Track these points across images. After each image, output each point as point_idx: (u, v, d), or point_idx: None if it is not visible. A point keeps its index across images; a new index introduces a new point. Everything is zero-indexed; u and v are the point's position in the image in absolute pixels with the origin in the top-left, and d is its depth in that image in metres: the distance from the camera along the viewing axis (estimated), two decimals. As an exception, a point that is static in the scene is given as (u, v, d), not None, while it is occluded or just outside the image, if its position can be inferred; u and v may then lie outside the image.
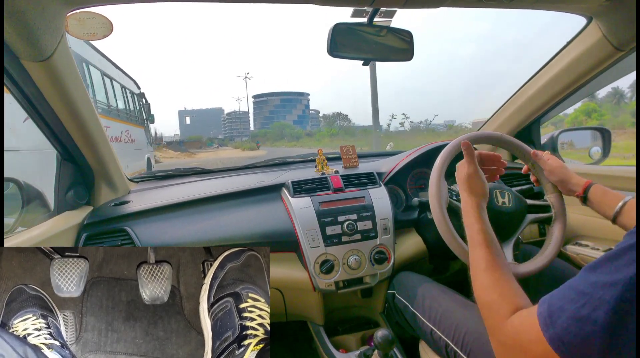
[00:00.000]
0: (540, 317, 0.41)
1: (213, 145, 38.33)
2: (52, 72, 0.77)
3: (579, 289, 0.39)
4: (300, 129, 58.52)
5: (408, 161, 1.20)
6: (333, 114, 54.26)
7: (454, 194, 0.89)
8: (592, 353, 0.36)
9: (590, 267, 0.40)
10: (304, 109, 76.16)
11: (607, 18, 0.89)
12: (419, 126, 23.20)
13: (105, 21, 0.73)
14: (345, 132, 45.32)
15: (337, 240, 1.01)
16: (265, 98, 76.03)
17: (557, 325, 0.38)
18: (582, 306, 0.37)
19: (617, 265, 0.36)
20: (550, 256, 0.79)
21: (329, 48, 0.81)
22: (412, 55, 0.89)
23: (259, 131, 65.11)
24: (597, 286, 0.37)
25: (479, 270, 0.57)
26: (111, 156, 1.08)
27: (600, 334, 0.35)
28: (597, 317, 0.35)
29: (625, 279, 0.35)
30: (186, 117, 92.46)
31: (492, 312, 0.50)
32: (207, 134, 73.07)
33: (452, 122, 47.05)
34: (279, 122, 64.89)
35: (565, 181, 0.81)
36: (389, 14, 0.81)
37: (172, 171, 1.43)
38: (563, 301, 0.40)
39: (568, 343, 0.37)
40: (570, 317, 0.38)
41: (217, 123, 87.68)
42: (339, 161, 1.30)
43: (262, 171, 1.41)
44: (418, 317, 0.85)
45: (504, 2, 0.81)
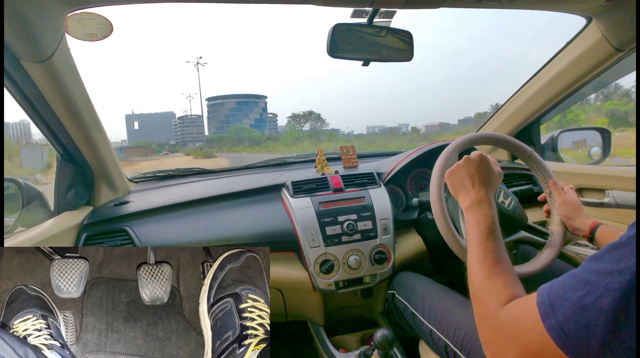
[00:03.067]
0: (540, 305, 0.40)
1: (162, 151, 34.50)
2: (52, 73, 0.77)
3: (581, 278, 0.38)
4: (260, 133, 54.46)
5: (408, 161, 1.20)
6: (304, 114, 47.13)
7: None
8: (593, 342, 0.35)
9: (593, 257, 0.39)
10: (262, 112, 71.26)
11: (607, 18, 0.90)
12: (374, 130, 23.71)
13: (106, 22, 0.73)
14: (310, 135, 42.58)
15: (337, 240, 1.01)
16: (220, 101, 70.80)
17: (559, 313, 0.37)
18: (585, 295, 0.36)
19: (623, 253, 0.35)
20: (552, 257, 0.80)
21: (328, 49, 0.81)
22: (411, 55, 0.89)
23: (214, 135, 60.47)
24: (602, 274, 0.36)
25: (476, 258, 0.56)
26: (111, 157, 1.08)
27: (604, 322, 0.34)
28: (602, 305, 0.34)
29: (632, 267, 0.34)
30: (134, 122, 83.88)
31: (487, 299, 0.49)
32: (158, 139, 68.65)
33: (407, 126, 47.01)
34: (237, 125, 60.13)
35: (573, 218, 0.81)
36: (389, 14, 0.81)
37: (172, 171, 1.44)
38: (564, 290, 0.38)
39: (569, 332, 0.36)
40: (573, 305, 0.36)
41: (168, 128, 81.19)
42: (339, 162, 1.30)
43: (262, 171, 1.41)
44: (418, 317, 0.85)
45: (503, 2, 0.81)
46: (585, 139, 1.37)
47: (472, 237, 0.59)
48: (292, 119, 46.74)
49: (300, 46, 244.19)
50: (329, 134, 39.80)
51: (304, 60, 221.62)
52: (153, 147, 39.85)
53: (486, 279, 0.52)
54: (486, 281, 0.52)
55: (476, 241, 0.58)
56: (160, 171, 1.42)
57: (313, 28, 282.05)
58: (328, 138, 34.80)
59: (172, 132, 78.42)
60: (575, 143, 1.36)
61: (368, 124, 74.66)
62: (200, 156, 25.66)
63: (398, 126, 47.05)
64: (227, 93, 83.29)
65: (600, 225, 0.77)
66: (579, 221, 0.80)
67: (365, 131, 24.18)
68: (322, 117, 45.28)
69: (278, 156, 1.60)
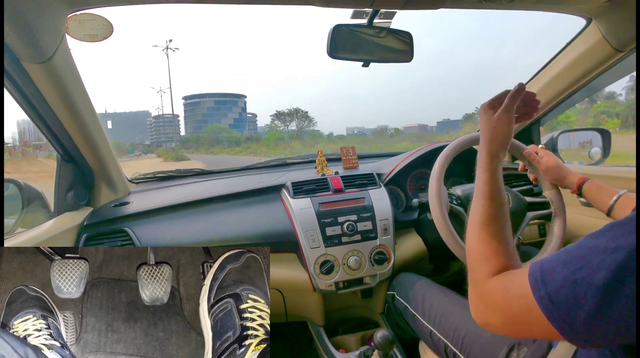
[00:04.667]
0: (531, 277, 0.40)
1: (134, 152, 31.83)
2: (53, 74, 0.77)
3: (576, 253, 0.38)
4: (239, 134, 50.68)
5: (408, 162, 1.20)
6: (290, 111, 41.24)
7: (454, 199, 0.89)
8: (580, 314, 0.35)
9: (592, 234, 0.38)
10: (241, 112, 67.90)
11: (607, 19, 0.90)
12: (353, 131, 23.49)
13: (106, 23, 0.73)
14: (292, 136, 38.76)
15: (337, 241, 1.01)
16: (198, 99, 67.15)
17: (549, 285, 0.37)
18: (578, 269, 0.36)
19: (621, 231, 0.35)
20: (561, 233, 0.80)
21: (328, 49, 0.81)
22: (412, 56, 0.89)
23: (190, 135, 56.18)
24: (597, 251, 0.36)
25: (476, 222, 0.54)
26: (111, 157, 1.08)
27: (593, 297, 0.34)
28: (593, 280, 0.34)
29: (628, 246, 0.34)
30: (107, 121, 77.16)
31: (482, 265, 0.49)
32: (133, 139, 64.46)
33: (385, 127, 46.20)
34: (215, 125, 56.04)
35: (560, 179, 0.82)
36: (389, 15, 0.81)
37: (172, 171, 1.44)
38: (557, 264, 0.39)
39: (558, 304, 0.36)
40: (564, 278, 0.37)
41: (143, 127, 77.00)
42: (339, 162, 1.30)
43: (262, 172, 1.41)
44: (418, 318, 0.85)
45: (503, 3, 0.81)
46: (591, 139, 1.37)
47: (475, 198, 0.58)
48: (276, 117, 42.31)
49: (281, 47, 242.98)
50: (312, 135, 38.09)
51: (284, 61, 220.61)
52: (126, 147, 36.24)
53: (481, 244, 0.52)
54: (481, 246, 0.52)
55: (477, 203, 0.57)
56: (160, 172, 1.42)
57: (298, 29, 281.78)
58: (312, 139, 33.36)
59: (147, 131, 75.23)
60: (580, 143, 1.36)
61: (348, 126, 73.03)
62: (170, 158, 22.91)
63: (378, 127, 46.20)
64: (205, 92, 78.36)
65: (587, 180, 0.78)
66: (567, 180, 0.81)
67: (345, 132, 23.96)
68: (310, 115, 41.78)
69: (259, 160, 1.55)
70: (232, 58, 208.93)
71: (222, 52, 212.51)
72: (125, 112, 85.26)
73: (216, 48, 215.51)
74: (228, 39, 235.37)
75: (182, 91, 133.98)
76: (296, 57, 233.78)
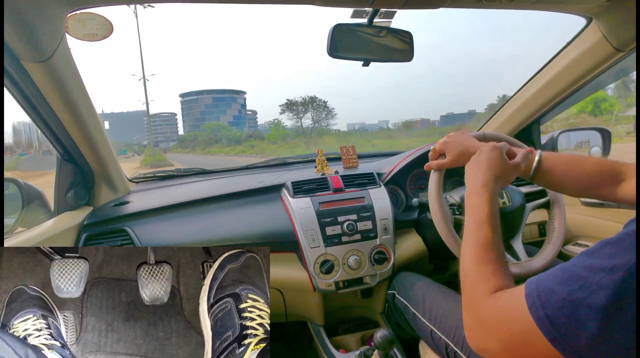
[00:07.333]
0: (528, 297, 0.39)
1: (127, 153, 30.83)
2: (53, 73, 0.77)
3: (572, 272, 0.37)
4: (239, 131, 47.53)
5: (408, 161, 1.20)
6: (304, 101, 33.78)
7: (455, 209, 0.89)
8: (582, 337, 0.35)
9: (586, 252, 0.38)
10: (240, 108, 65.17)
11: (607, 19, 0.90)
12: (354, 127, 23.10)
13: (106, 22, 0.73)
14: (297, 133, 34.84)
15: (337, 240, 1.01)
16: (195, 96, 64.70)
17: (548, 306, 0.37)
18: (577, 290, 0.36)
19: (617, 250, 0.35)
20: (558, 246, 0.81)
21: (328, 49, 0.81)
22: (412, 55, 0.89)
23: (187, 134, 53.61)
24: (594, 270, 0.35)
25: (474, 245, 0.54)
26: (111, 157, 1.08)
27: (595, 319, 0.34)
28: (594, 301, 0.34)
29: (625, 265, 0.34)
30: (104, 122, 74.43)
31: (475, 285, 0.49)
32: (130, 139, 63.39)
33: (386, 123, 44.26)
34: (213, 122, 53.21)
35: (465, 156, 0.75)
36: (389, 14, 0.81)
37: (173, 171, 1.44)
38: (554, 283, 0.38)
39: (559, 325, 0.36)
40: (563, 299, 0.36)
41: (141, 127, 75.39)
42: (339, 162, 1.30)
43: (262, 171, 1.41)
44: (418, 317, 0.85)
45: (503, 3, 0.81)
46: (589, 139, 1.37)
47: (469, 222, 0.59)
48: (287, 108, 35.47)
49: (281, 44, 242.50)
50: (320, 131, 34.58)
51: (283, 58, 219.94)
52: (119, 148, 35.05)
53: (476, 265, 0.52)
54: (476, 267, 0.51)
55: (472, 227, 0.57)
56: (161, 171, 1.42)
57: (296, 26, 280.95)
58: (335, 135, 30.55)
59: (145, 131, 73.26)
60: (578, 143, 1.35)
61: (348, 122, 71.13)
62: (147, 163, 18.89)
63: (378, 122, 45.16)
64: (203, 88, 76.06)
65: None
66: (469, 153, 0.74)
67: (346, 128, 23.04)
68: (329, 106, 34.58)
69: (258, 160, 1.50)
70: (232, 58, 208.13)
71: (222, 52, 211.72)
72: (123, 112, 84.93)
73: (216, 47, 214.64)
74: (228, 39, 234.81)
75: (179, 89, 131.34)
76: (296, 55, 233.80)
